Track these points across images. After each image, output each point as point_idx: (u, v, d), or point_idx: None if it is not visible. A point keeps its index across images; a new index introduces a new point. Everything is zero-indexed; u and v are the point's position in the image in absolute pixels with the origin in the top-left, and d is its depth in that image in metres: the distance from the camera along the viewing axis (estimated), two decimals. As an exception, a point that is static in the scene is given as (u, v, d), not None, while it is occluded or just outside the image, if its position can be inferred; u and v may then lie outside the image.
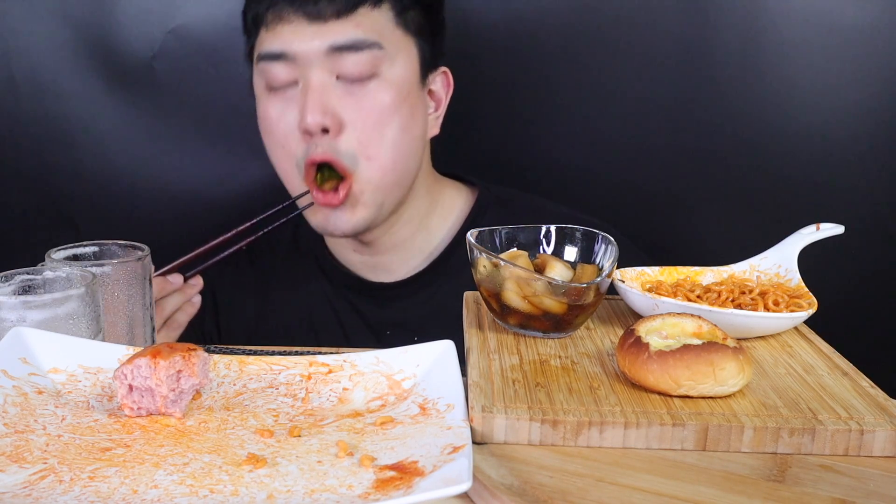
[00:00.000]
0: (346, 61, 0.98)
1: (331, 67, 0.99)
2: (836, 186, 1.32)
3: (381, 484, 0.56)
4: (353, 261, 1.13)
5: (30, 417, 0.64)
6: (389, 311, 1.11)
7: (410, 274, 1.12)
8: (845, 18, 1.26)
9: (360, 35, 0.98)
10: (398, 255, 1.11)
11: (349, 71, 0.99)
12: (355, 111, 1.00)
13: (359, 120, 1.00)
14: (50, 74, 1.32)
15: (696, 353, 0.65)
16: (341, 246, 1.13)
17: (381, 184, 1.02)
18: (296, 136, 1.01)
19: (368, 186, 1.02)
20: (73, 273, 0.75)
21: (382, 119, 1.01)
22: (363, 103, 1.00)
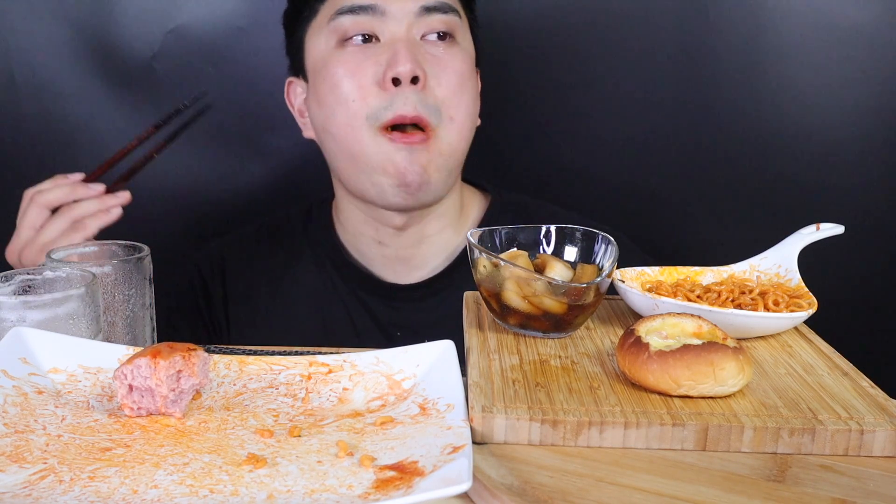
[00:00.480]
0: (432, 21, 1.01)
1: (417, 25, 1.01)
2: (836, 186, 1.32)
3: (381, 484, 0.56)
4: (372, 256, 1.12)
5: (30, 417, 0.64)
6: (401, 312, 1.10)
7: (424, 277, 1.11)
8: (845, 18, 1.26)
9: None
10: (420, 250, 1.11)
11: (434, 28, 1.01)
12: (440, 69, 1.01)
13: (443, 77, 1.01)
14: (50, 74, 1.32)
15: (696, 353, 0.65)
16: (366, 238, 1.11)
17: (455, 149, 1.04)
18: (371, 89, 1.00)
19: (447, 148, 1.03)
20: (73, 273, 0.75)
21: (462, 83, 1.03)
22: (445, 64, 1.02)
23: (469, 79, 1.05)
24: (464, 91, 1.03)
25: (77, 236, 0.96)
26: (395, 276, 1.12)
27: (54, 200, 0.96)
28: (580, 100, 1.34)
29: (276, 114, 1.34)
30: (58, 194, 0.96)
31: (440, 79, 1.01)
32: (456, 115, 1.03)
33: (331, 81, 1.02)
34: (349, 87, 1.01)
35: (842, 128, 1.30)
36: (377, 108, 1.00)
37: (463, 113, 1.03)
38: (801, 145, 1.31)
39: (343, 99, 1.01)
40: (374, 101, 1.00)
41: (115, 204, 0.97)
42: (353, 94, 1.01)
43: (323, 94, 1.04)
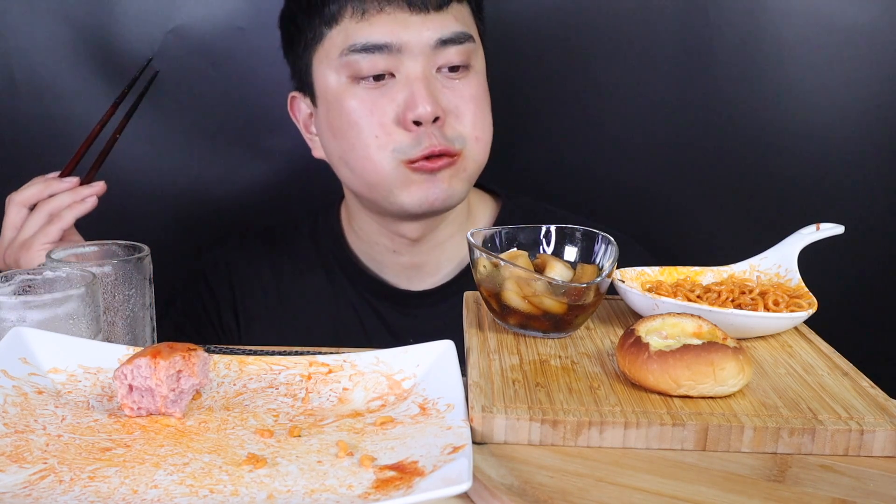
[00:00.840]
0: (448, 54, 0.99)
1: (433, 59, 0.99)
2: (836, 186, 1.32)
3: (381, 484, 0.56)
4: (385, 264, 1.12)
5: (30, 417, 0.64)
6: (413, 319, 1.10)
7: (437, 284, 1.11)
8: (845, 18, 1.26)
9: (460, 28, 1.00)
10: (434, 256, 1.11)
11: (450, 61, 1.00)
12: (457, 100, 1.01)
13: (462, 107, 1.01)
14: (50, 74, 1.32)
15: (696, 353, 0.65)
16: (380, 247, 1.11)
17: (480, 163, 1.05)
18: (394, 128, 0.99)
19: (473, 164, 1.03)
20: (73, 273, 0.75)
21: (480, 105, 1.03)
22: (462, 93, 1.01)
23: (485, 96, 1.05)
24: (482, 111, 1.03)
25: (54, 229, 0.97)
26: (408, 282, 1.12)
27: (30, 197, 0.98)
28: (579, 100, 1.34)
29: (276, 114, 1.34)
30: (33, 191, 0.98)
31: (460, 111, 1.01)
32: (482, 135, 1.03)
33: (348, 118, 1.01)
34: (369, 125, 1.00)
35: (842, 128, 1.30)
36: (405, 145, 0.99)
37: (486, 130, 1.04)
38: (801, 145, 1.31)
39: (364, 136, 1.00)
40: (400, 139, 0.99)
41: (89, 194, 0.99)
42: (376, 130, 1.00)
43: (339, 128, 1.02)
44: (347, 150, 1.02)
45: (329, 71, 1.01)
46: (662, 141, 1.34)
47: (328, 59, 1.01)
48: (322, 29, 1.01)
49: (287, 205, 1.33)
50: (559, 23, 1.31)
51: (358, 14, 0.98)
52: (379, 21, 0.97)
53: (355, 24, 0.98)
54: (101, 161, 1.03)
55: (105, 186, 1.00)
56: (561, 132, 1.36)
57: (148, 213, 1.36)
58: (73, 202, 0.97)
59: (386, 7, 0.97)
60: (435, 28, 0.98)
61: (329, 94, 1.02)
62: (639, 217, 1.35)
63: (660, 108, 1.32)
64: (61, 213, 0.97)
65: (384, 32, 0.97)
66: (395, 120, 0.99)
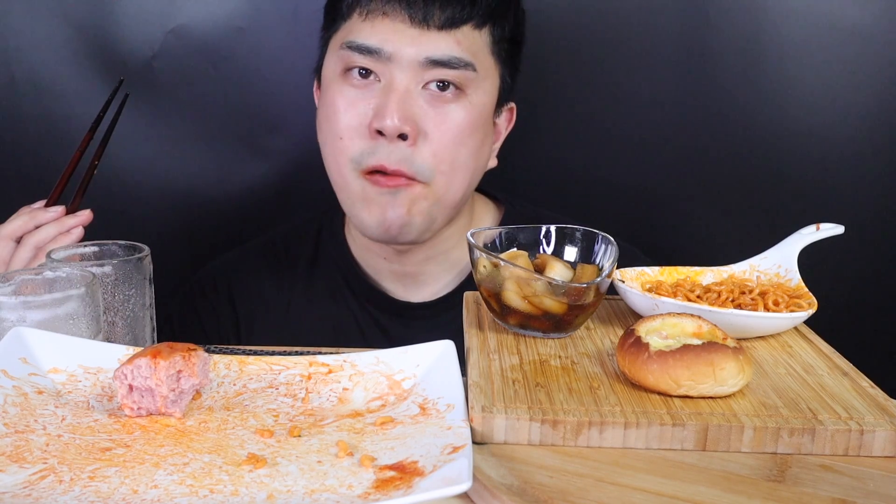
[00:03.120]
0: (437, 74, 0.97)
1: (421, 76, 0.97)
2: (836, 186, 1.32)
3: (381, 484, 0.56)
4: (381, 271, 1.11)
5: (30, 417, 0.64)
6: (413, 330, 1.09)
7: (437, 295, 1.11)
8: (845, 18, 1.26)
9: (458, 53, 0.97)
10: (429, 267, 1.10)
11: (439, 81, 0.98)
12: (435, 124, 0.98)
13: (437, 133, 0.98)
14: (50, 74, 1.32)
15: (696, 354, 0.65)
16: (373, 253, 1.10)
17: (440, 200, 1.01)
18: (360, 131, 0.98)
19: (430, 198, 1.01)
20: (73, 273, 0.75)
21: (460, 138, 1.00)
22: (444, 118, 0.98)
23: (472, 131, 1.00)
24: (461, 144, 0.99)
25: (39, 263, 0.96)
26: (406, 292, 1.11)
27: (16, 230, 0.97)
28: (579, 100, 1.34)
29: (276, 114, 1.34)
30: (18, 223, 0.97)
31: (433, 136, 0.98)
32: (448, 170, 1.00)
33: (329, 111, 1.01)
34: (341, 124, 0.99)
35: (842, 128, 1.30)
36: (361, 153, 0.98)
37: (459, 164, 1.00)
38: (802, 145, 1.31)
39: (334, 134, 1.00)
40: (359, 144, 0.98)
41: (74, 224, 0.98)
42: (343, 132, 0.99)
43: (322, 120, 1.04)
44: (322, 145, 1.04)
45: (331, 59, 1.03)
46: (662, 141, 1.34)
47: (333, 48, 1.02)
48: (338, 21, 1.02)
49: (287, 205, 1.33)
50: (559, 23, 1.31)
51: (363, 13, 0.98)
52: (378, 25, 0.97)
53: (359, 23, 0.99)
54: (83, 189, 1.02)
55: (91, 215, 0.99)
56: (561, 132, 1.36)
57: (147, 213, 1.36)
58: (59, 234, 0.97)
59: (389, 12, 0.97)
60: (429, 46, 0.96)
61: (325, 84, 1.04)
62: (639, 217, 1.35)
63: (659, 109, 1.32)
64: (46, 245, 0.96)
65: (379, 37, 0.97)
66: (363, 124, 0.98)
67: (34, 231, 0.96)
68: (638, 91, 1.32)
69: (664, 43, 1.30)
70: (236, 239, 1.27)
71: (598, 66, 1.32)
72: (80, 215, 0.99)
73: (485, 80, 1.01)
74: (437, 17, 0.96)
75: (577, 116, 1.35)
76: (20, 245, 0.96)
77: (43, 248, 0.96)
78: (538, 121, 1.35)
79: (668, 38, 1.30)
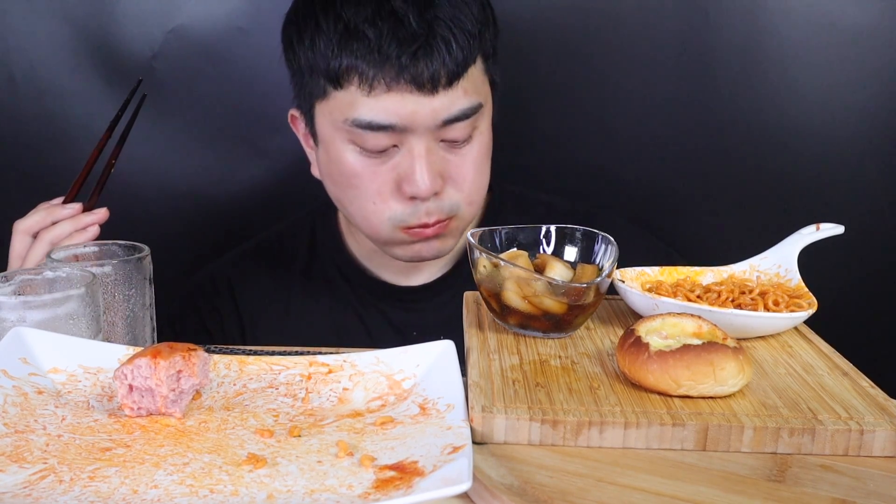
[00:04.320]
0: (453, 129, 0.97)
1: (438, 135, 0.98)
2: (836, 186, 1.32)
3: (381, 484, 0.56)
4: (383, 264, 1.13)
5: (30, 417, 0.64)
6: (414, 313, 1.11)
7: (434, 277, 1.12)
8: (845, 18, 1.26)
9: (467, 103, 0.97)
10: None
11: (455, 137, 0.98)
12: (457, 168, 1.00)
13: (460, 176, 1.00)
14: (50, 74, 1.32)
15: (696, 353, 0.65)
16: (377, 254, 1.12)
17: (469, 221, 1.06)
18: (391, 195, 0.99)
19: (462, 223, 1.04)
20: (73, 273, 0.75)
21: (480, 168, 1.02)
22: (464, 159, 1.00)
23: (486, 154, 1.03)
24: (481, 174, 1.03)
25: None
26: (407, 280, 1.13)
27: (33, 226, 0.97)
28: (579, 101, 1.34)
29: (276, 114, 1.34)
30: (36, 219, 0.98)
31: (459, 179, 1.00)
32: (477, 199, 1.03)
33: (347, 179, 1.00)
34: (368, 190, 0.99)
35: (842, 128, 1.30)
36: (401, 214, 0.99)
37: (482, 190, 1.04)
38: (802, 145, 1.31)
39: (363, 197, 1.00)
40: (396, 207, 0.99)
41: (90, 222, 0.98)
42: (374, 197, 1.00)
43: (338, 181, 1.02)
44: (346, 203, 1.04)
45: (331, 127, 1.00)
46: (662, 141, 1.34)
47: (331, 116, 0.99)
48: (325, 84, 0.98)
49: (287, 205, 1.33)
50: (559, 23, 1.31)
51: (365, 88, 0.95)
52: (385, 99, 0.94)
53: (362, 98, 0.95)
54: (100, 187, 1.03)
55: (107, 213, 0.99)
56: (561, 132, 1.36)
57: (147, 213, 1.36)
58: (74, 230, 0.97)
59: (394, 86, 0.94)
60: (442, 107, 0.95)
61: (330, 147, 1.01)
62: (638, 217, 1.35)
63: (659, 109, 1.32)
64: (62, 242, 0.97)
65: (390, 113, 0.95)
66: (394, 188, 0.99)
67: (51, 227, 0.97)
68: (637, 91, 1.32)
69: (664, 43, 1.30)
70: (236, 238, 1.27)
71: (597, 67, 1.32)
72: (96, 213, 0.99)
73: (486, 104, 1.02)
74: (443, 76, 0.94)
75: (576, 117, 1.35)
76: (36, 240, 0.97)
77: (58, 245, 0.96)
78: (538, 121, 1.35)
79: (667, 38, 1.30)
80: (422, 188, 0.96)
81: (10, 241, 0.98)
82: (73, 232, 0.97)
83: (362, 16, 0.94)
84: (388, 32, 0.93)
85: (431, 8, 0.95)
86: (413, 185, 0.97)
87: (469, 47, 0.95)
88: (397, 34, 0.93)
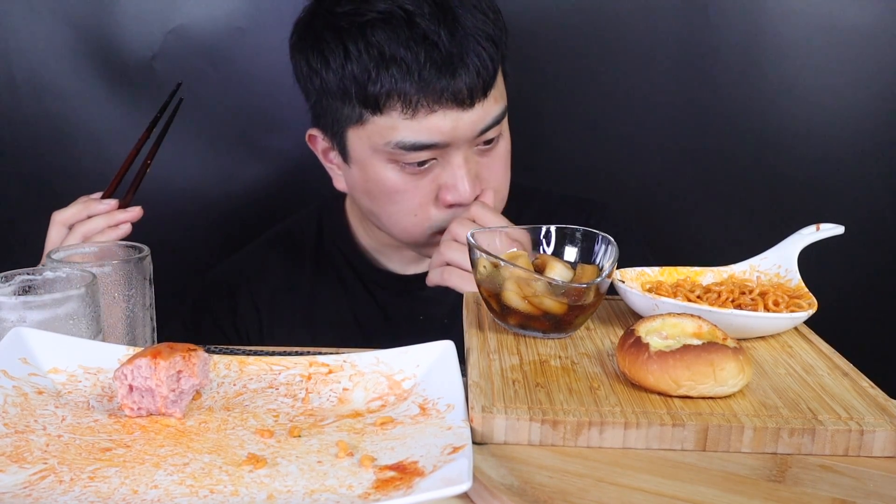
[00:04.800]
0: (487, 136, 1.01)
1: (473, 143, 1.00)
2: (836, 186, 1.32)
3: (381, 484, 0.56)
4: (393, 256, 1.15)
5: (30, 418, 0.64)
6: (422, 301, 1.12)
7: None
8: (845, 18, 1.26)
9: (499, 109, 1.01)
10: None
11: (488, 142, 1.02)
12: (489, 169, 1.04)
13: (493, 176, 1.04)
14: (50, 74, 1.32)
15: (696, 354, 0.65)
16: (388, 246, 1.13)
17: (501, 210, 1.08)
18: (431, 206, 1.02)
19: None
20: (73, 273, 0.75)
21: (507, 164, 1.07)
22: (494, 161, 1.04)
23: (509, 151, 1.07)
24: (508, 167, 1.07)
25: None
26: (416, 268, 1.15)
27: (70, 218, 1.00)
28: (579, 101, 1.34)
29: (276, 114, 1.34)
30: (73, 211, 1.00)
31: (492, 181, 1.04)
32: (505, 192, 1.07)
33: (387, 194, 1.02)
34: (409, 204, 1.02)
35: (842, 128, 1.30)
36: (441, 221, 1.02)
37: (508, 182, 1.08)
38: (802, 145, 1.31)
39: (404, 212, 1.03)
40: (436, 216, 1.02)
41: (124, 219, 1.00)
42: (415, 209, 1.02)
43: (375, 196, 1.04)
44: (382, 215, 1.05)
45: (369, 150, 1.00)
46: (662, 141, 1.34)
47: (370, 141, 0.99)
48: (362, 110, 0.98)
49: (287, 205, 1.33)
50: (560, 24, 1.31)
51: (409, 112, 0.96)
52: (429, 121, 0.96)
53: (404, 122, 0.96)
54: (136, 186, 1.06)
55: (141, 211, 1.02)
56: (561, 133, 1.36)
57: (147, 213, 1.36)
58: (108, 226, 0.99)
59: (436, 107, 0.96)
60: (479, 119, 0.98)
61: (368, 168, 1.02)
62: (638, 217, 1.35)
63: (659, 109, 1.32)
64: (94, 236, 0.99)
65: (433, 133, 0.97)
66: (434, 199, 1.02)
67: (86, 220, 0.99)
68: (637, 91, 1.32)
69: (664, 43, 1.30)
70: (236, 238, 1.28)
71: (597, 67, 1.32)
72: (130, 211, 1.01)
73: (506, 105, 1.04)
74: (480, 88, 0.97)
75: (576, 117, 1.35)
76: (71, 232, 0.99)
77: (91, 239, 0.99)
78: (538, 122, 1.35)
79: (668, 38, 1.30)
80: (465, 197, 1.00)
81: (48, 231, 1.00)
82: (106, 228, 0.99)
83: (395, 41, 0.95)
84: (424, 56, 0.94)
85: (458, 24, 0.96)
86: (457, 194, 1.00)
87: (497, 55, 0.99)
88: (433, 57, 0.94)
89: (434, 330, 0.81)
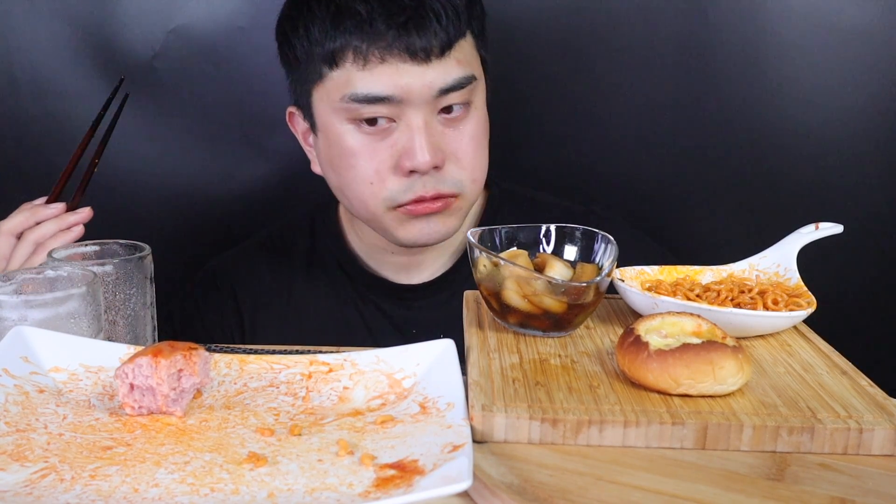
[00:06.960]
0: (449, 98, 0.98)
1: (434, 106, 0.98)
2: (836, 186, 1.32)
3: (381, 482, 0.56)
4: (384, 262, 1.13)
5: (31, 416, 0.64)
6: (415, 311, 1.11)
7: (435, 275, 1.12)
8: (845, 18, 1.26)
9: (462, 72, 0.98)
10: (432, 253, 1.12)
11: (451, 109, 0.99)
12: (457, 143, 1.00)
13: (460, 151, 1.01)
14: (51, 74, 1.32)
15: (696, 352, 0.65)
16: (377, 250, 1.12)
17: (475, 199, 1.06)
18: (389, 174, 0.99)
19: (468, 203, 1.04)
20: (74, 272, 0.75)
21: (479, 145, 1.03)
22: (462, 135, 1.01)
23: (484, 132, 1.04)
24: (480, 149, 1.03)
25: (39, 259, 0.96)
26: (408, 277, 1.13)
27: (17, 226, 0.97)
28: (579, 100, 1.34)
29: (276, 114, 1.34)
30: (19, 220, 0.97)
31: (459, 154, 1.00)
32: (479, 175, 1.04)
33: (346, 159, 1.01)
34: (366, 170, 1.00)
35: (842, 127, 1.30)
36: (396, 192, 0.99)
37: (481, 165, 1.04)
38: (801, 145, 1.31)
39: (360, 179, 1.01)
40: (392, 186, 0.99)
41: (74, 221, 0.98)
42: (371, 177, 1.00)
43: (337, 164, 1.03)
44: (344, 186, 1.04)
45: (329, 110, 1.00)
46: (662, 140, 1.34)
47: (329, 98, 1.00)
48: (321, 67, 0.99)
49: (287, 204, 1.33)
50: (560, 23, 1.31)
51: (360, 62, 0.96)
52: (380, 71, 0.96)
53: (357, 73, 0.97)
54: (83, 187, 1.03)
55: (91, 213, 0.99)
56: (561, 132, 1.36)
57: (148, 212, 1.36)
58: (59, 230, 0.97)
59: (387, 57, 0.95)
60: (437, 77, 0.96)
61: (329, 131, 1.02)
62: (638, 216, 1.35)
63: (659, 108, 1.32)
64: (46, 242, 0.97)
65: (385, 84, 0.96)
66: (393, 165, 0.99)
67: (34, 227, 0.97)
68: (637, 91, 1.32)
69: (664, 43, 1.30)
70: (237, 238, 1.27)
71: (597, 67, 1.32)
72: (80, 212, 0.99)
73: (480, 81, 1.03)
74: (436, 45, 0.96)
75: (576, 117, 1.35)
76: (20, 241, 0.97)
77: (43, 245, 0.97)
78: (537, 121, 1.36)
79: (667, 38, 1.30)
80: (421, 160, 0.97)
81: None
82: (58, 232, 0.97)
83: None
84: (378, 7, 0.95)
85: None
86: (412, 157, 0.97)
87: (458, 19, 0.97)
88: (388, 8, 0.95)
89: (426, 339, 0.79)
